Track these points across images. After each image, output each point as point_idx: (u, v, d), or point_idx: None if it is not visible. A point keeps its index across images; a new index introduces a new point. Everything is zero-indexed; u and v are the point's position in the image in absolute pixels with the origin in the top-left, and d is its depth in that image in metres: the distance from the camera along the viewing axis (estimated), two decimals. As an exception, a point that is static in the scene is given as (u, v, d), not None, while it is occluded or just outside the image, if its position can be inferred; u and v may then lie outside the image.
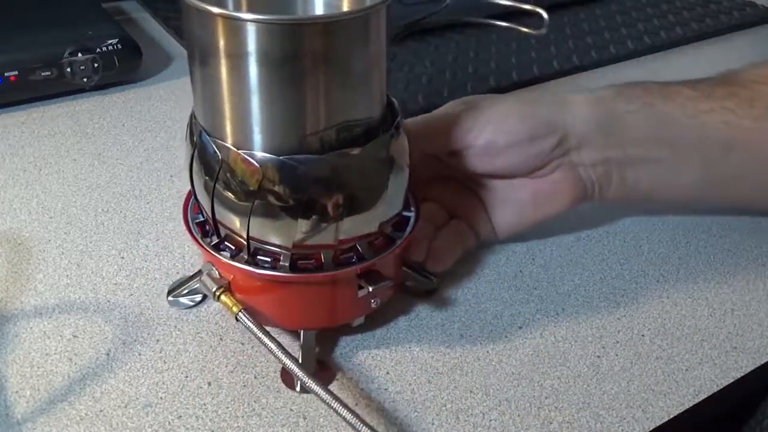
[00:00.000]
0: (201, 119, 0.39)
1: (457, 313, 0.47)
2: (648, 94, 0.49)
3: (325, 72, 0.35)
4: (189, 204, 0.44)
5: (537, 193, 0.49)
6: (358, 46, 0.36)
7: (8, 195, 0.56)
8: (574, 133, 0.46)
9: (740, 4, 0.96)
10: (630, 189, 0.49)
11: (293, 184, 0.37)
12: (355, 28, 0.35)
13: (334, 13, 0.40)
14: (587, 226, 0.56)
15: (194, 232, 0.42)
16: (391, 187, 0.40)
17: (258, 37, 0.34)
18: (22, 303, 0.46)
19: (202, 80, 0.37)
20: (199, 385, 0.41)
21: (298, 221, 0.37)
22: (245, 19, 0.34)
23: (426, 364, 0.44)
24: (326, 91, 0.36)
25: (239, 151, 0.37)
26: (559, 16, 0.90)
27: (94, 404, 0.40)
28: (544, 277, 0.51)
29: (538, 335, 0.46)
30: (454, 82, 0.73)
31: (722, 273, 0.52)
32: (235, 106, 0.36)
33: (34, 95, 0.68)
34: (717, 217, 0.57)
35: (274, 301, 0.42)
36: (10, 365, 0.42)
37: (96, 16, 0.76)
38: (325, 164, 0.37)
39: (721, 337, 0.47)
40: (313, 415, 0.40)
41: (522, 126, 0.46)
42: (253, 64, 0.34)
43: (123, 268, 0.49)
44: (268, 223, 0.38)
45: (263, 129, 0.36)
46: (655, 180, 0.49)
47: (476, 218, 0.50)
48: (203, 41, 0.36)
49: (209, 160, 0.38)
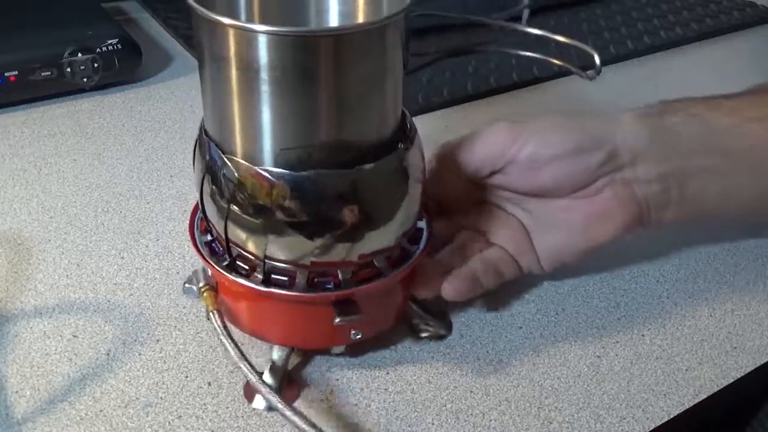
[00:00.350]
0: (212, 134, 0.37)
1: (457, 313, 0.47)
2: (690, 106, 0.46)
3: (340, 84, 0.34)
4: (195, 220, 0.43)
5: (586, 215, 0.44)
6: (373, 58, 0.35)
7: (8, 195, 0.56)
8: (626, 148, 0.43)
9: (740, 4, 0.96)
10: (688, 207, 0.46)
11: (310, 200, 0.35)
12: (371, 39, 0.34)
13: (349, 25, 0.39)
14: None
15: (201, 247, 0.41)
16: (407, 201, 0.39)
17: (271, 49, 0.33)
18: (22, 303, 0.46)
19: (213, 94, 0.36)
20: (199, 385, 0.41)
21: (314, 239, 0.36)
22: (258, 31, 0.32)
23: (426, 364, 0.44)
24: (341, 104, 0.35)
25: (255, 167, 0.35)
26: (559, 16, 0.90)
27: (94, 404, 0.40)
28: (544, 276, 0.50)
29: (538, 335, 0.46)
30: (455, 82, 0.73)
31: (722, 273, 0.52)
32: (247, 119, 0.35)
33: (34, 95, 0.68)
34: (717, 217, 0.57)
35: (249, 311, 0.41)
36: (10, 365, 0.42)
37: (96, 16, 0.75)
38: (344, 179, 0.36)
39: (721, 337, 0.47)
40: (313, 415, 0.40)
41: (568, 137, 0.43)
42: (266, 76, 0.33)
43: (123, 268, 0.49)
44: (282, 241, 0.37)
45: (275, 143, 0.35)
46: (713, 194, 0.46)
47: (518, 246, 0.46)
48: (215, 53, 0.34)
49: (222, 177, 0.37)
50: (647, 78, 0.78)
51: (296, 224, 0.36)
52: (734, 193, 0.46)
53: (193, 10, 0.33)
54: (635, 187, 0.44)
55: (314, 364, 0.43)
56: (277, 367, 0.41)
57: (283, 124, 0.35)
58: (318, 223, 0.36)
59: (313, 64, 0.33)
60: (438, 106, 0.70)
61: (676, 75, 0.79)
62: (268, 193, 0.35)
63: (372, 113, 0.36)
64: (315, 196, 0.36)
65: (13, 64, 0.65)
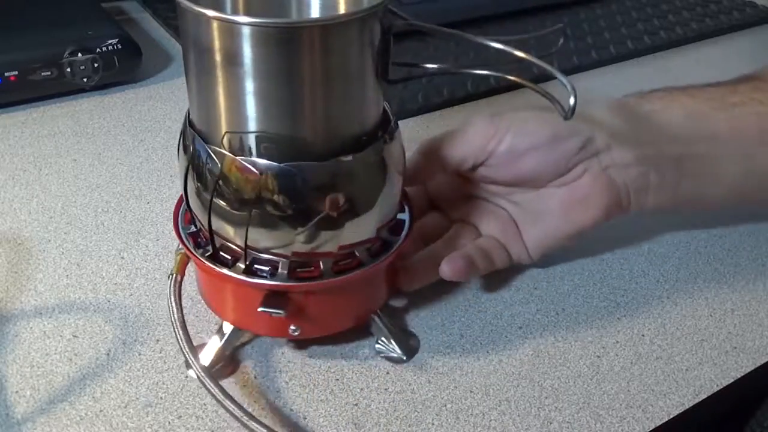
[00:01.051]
0: (197, 125, 0.38)
1: (457, 313, 0.47)
2: (670, 94, 0.48)
3: (321, 75, 0.35)
4: (180, 212, 0.43)
5: (567, 201, 0.46)
6: (354, 49, 0.35)
7: (8, 195, 0.56)
8: (602, 134, 0.45)
9: (740, 4, 0.96)
10: (669, 191, 0.47)
11: (292, 191, 0.36)
12: (352, 30, 0.35)
13: (330, 16, 0.40)
14: (587, 226, 0.56)
15: (186, 240, 0.42)
16: (386, 193, 0.39)
17: (253, 41, 0.33)
18: (22, 303, 0.46)
19: (198, 86, 0.37)
20: (199, 385, 0.41)
21: (297, 229, 0.37)
22: (240, 23, 0.33)
23: (426, 364, 0.44)
24: (324, 96, 0.35)
25: (238, 158, 0.36)
26: (558, 16, 0.90)
27: (94, 404, 0.40)
28: (544, 277, 0.51)
29: (538, 335, 0.46)
30: (454, 82, 0.73)
31: (722, 273, 0.52)
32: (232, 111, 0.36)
33: (34, 95, 0.68)
34: (717, 217, 0.57)
35: (203, 282, 0.43)
36: (10, 365, 0.42)
37: (96, 16, 0.75)
38: (325, 171, 0.36)
39: (721, 337, 0.47)
40: (313, 415, 0.40)
41: (544, 128, 0.45)
42: (249, 68, 0.34)
43: (123, 268, 0.49)
44: (266, 232, 0.37)
45: (258, 135, 0.36)
46: (695, 180, 0.47)
47: (506, 236, 0.47)
48: (199, 45, 0.35)
49: (205, 168, 0.37)
50: (647, 78, 0.78)
51: (282, 217, 0.37)
52: (716, 178, 0.48)
53: (178, 3, 0.34)
54: (613, 171, 0.45)
55: (313, 363, 0.43)
56: (218, 342, 0.42)
57: (266, 115, 0.35)
58: (300, 214, 0.37)
59: (295, 55, 0.34)
60: (438, 106, 0.70)
61: (676, 75, 0.79)
62: (251, 185, 0.36)
63: (353, 105, 0.37)
64: (297, 187, 0.36)
65: (13, 64, 0.65)
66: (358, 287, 0.42)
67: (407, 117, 0.68)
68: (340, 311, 0.42)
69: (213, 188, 0.37)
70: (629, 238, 0.55)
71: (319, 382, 0.42)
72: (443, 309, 0.47)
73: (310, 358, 0.43)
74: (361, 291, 0.42)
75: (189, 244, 0.41)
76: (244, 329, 0.43)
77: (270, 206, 0.36)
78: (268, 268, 0.39)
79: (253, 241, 0.38)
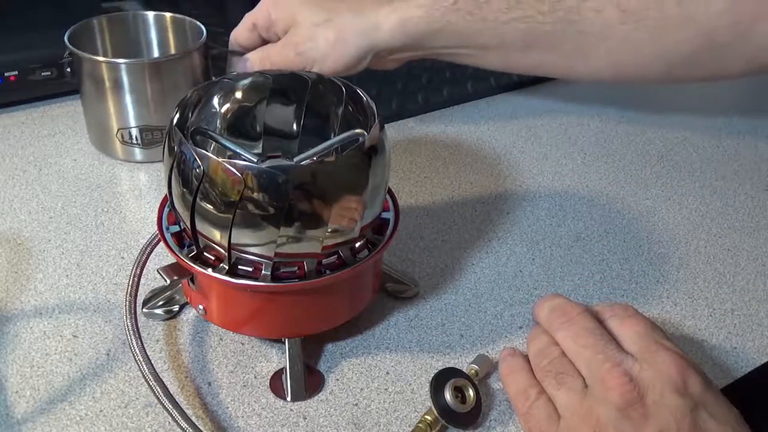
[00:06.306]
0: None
1: (457, 313, 0.47)
2: (454, 12, 0.53)
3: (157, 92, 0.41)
4: (163, 213, 0.43)
5: None
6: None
7: (8, 195, 0.56)
8: (384, 49, 0.55)
9: None
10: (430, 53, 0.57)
11: (275, 192, 0.36)
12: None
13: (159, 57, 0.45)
14: (587, 226, 0.56)
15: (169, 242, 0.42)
16: (370, 193, 0.39)
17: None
18: (22, 303, 0.46)
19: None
20: (199, 385, 0.41)
21: (280, 229, 0.37)
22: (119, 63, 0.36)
23: (426, 364, 0.44)
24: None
25: (221, 160, 0.36)
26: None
27: (94, 404, 0.40)
28: (544, 277, 0.51)
29: (538, 335, 0.46)
30: (454, 82, 0.73)
31: (722, 273, 0.52)
32: None
33: (34, 95, 0.68)
34: (717, 217, 0.57)
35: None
36: (10, 365, 0.42)
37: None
38: (307, 171, 0.37)
39: (721, 337, 0.47)
40: (313, 415, 0.40)
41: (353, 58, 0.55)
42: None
43: (123, 268, 0.49)
44: (249, 232, 0.38)
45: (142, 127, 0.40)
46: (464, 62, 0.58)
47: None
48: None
49: (189, 169, 0.37)
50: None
51: (264, 217, 0.37)
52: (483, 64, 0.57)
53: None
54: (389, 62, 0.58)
55: (313, 363, 0.43)
56: None
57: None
58: (282, 214, 0.37)
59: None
60: (438, 106, 0.70)
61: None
62: (234, 186, 0.36)
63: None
64: (278, 187, 0.36)
65: (13, 64, 0.65)
66: (343, 286, 0.42)
67: (407, 117, 0.68)
68: (325, 310, 0.42)
69: (197, 188, 0.37)
70: (629, 239, 0.55)
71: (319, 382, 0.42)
72: (443, 309, 0.47)
73: (310, 358, 0.43)
74: (347, 290, 0.42)
75: (173, 244, 0.41)
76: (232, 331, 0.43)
77: (252, 205, 0.37)
78: (252, 269, 0.39)
79: (237, 241, 0.38)
